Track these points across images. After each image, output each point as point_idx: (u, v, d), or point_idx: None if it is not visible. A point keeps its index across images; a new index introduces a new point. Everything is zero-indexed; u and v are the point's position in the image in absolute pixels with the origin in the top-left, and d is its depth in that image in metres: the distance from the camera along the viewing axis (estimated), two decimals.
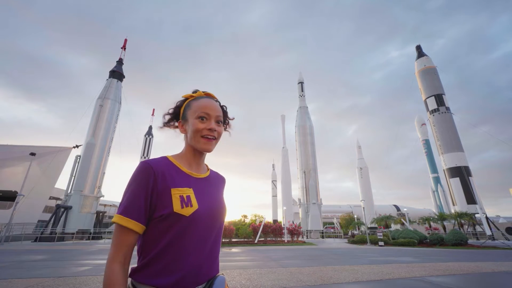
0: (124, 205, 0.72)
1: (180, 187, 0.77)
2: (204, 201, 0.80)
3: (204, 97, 0.89)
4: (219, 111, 0.88)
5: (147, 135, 42.20)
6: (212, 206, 0.82)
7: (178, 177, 0.80)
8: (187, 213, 0.74)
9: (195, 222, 0.75)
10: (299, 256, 9.07)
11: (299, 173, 33.84)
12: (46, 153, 24.26)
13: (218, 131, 0.85)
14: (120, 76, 28.54)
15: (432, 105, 29.11)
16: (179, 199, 0.75)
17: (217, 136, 0.86)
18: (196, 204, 0.77)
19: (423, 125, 54.83)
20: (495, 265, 6.46)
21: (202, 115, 0.84)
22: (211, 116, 0.84)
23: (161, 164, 0.79)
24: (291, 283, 4.27)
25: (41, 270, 5.62)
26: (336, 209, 54.73)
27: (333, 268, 5.95)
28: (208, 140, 0.83)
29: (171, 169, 0.80)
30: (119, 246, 0.70)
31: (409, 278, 4.67)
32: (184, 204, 0.75)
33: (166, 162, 0.82)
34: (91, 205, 23.13)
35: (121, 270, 0.68)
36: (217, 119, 0.86)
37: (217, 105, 0.89)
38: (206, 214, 0.78)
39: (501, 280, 4.73)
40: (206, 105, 0.85)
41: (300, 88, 38.23)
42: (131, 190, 0.74)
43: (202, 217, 0.77)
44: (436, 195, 49.73)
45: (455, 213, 21.72)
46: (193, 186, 0.81)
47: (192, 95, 0.91)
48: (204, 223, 0.77)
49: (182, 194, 0.76)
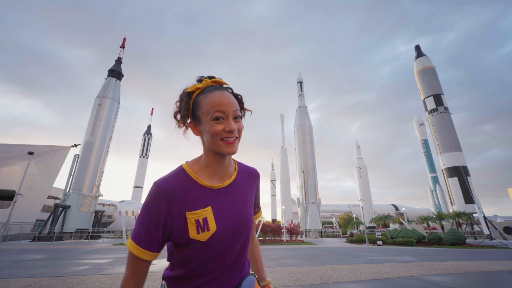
0: (136, 232, 0.68)
1: (196, 209, 0.69)
2: (224, 220, 0.72)
3: (214, 89, 0.73)
4: (235, 104, 0.73)
5: (146, 134, 42.12)
6: (234, 222, 0.73)
7: (194, 196, 0.71)
8: (203, 239, 0.68)
9: (215, 244, 0.69)
10: (298, 256, 9.08)
11: (298, 173, 33.90)
12: (44, 152, 24.15)
13: (238, 129, 0.72)
14: (119, 75, 28.45)
15: (431, 105, 29.22)
16: (195, 224, 0.68)
17: (239, 135, 0.73)
18: (214, 225, 0.69)
19: (421, 125, 55.04)
20: (492, 264, 6.49)
21: (218, 115, 0.69)
22: (228, 114, 0.70)
23: (174, 183, 0.70)
24: (290, 282, 4.27)
25: (39, 270, 5.60)
26: (335, 208, 54.88)
27: (332, 267, 5.96)
28: (229, 143, 0.70)
29: (186, 186, 0.71)
30: (133, 272, 0.69)
31: (408, 277, 4.69)
32: (200, 229, 0.68)
33: (181, 176, 0.72)
34: (89, 204, 23.08)
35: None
36: (234, 114, 0.72)
37: (231, 96, 0.73)
38: (225, 233, 0.71)
39: (499, 279, 4.75)
40: (220, 101, 0.70)
41: (299, 88, 38.27)
42: (142, 217, 0.68)
43: (221, 237, 0.70)
44: (435, 194, 49.95)
45: (453, 212, 21.83)
46: (212, 202, 0.72)
47: (198, 87, 0.74)
48: (224, 241, 0.71)
49: (198, 217, 0.69)
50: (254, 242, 0.96)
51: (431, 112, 29.04)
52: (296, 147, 34.79)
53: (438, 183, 48.54)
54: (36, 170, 23.17)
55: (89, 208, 22.95)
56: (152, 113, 60.02)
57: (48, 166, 24.29)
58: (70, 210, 21.57)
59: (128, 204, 36.59)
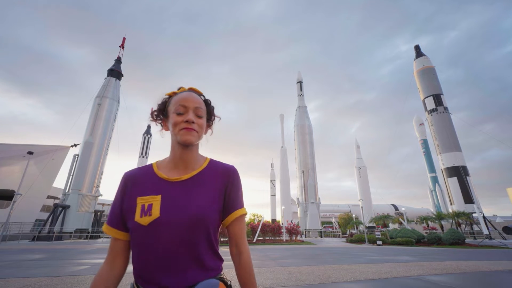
0: (109, 215, 0.81)
1: (146, 195, 0.76)
2: (170, 209, 0.73)
3: (185, 91, 0.84)
4: (199, 103, 0.82)
5: (146, 134, 42.09)
6: (181, 213, 0.73)
7: (148, 184, 0.79)
8: (145, 223, 0.72)
9: (156, 232, 0.71)
10: (298, 255, 9.08)
11: (297, 173, 33.89)
12: (44, 152, 24.14)
13: (197, 123, 0.79)
14: (119, 74, 28.43)
15: (430, 105, 29.23)
16: (140, 208, 0.74)
17: (198, 128, 0.79)
18: (157, 212, 0.72)
19: (421, 125, 55.05)
20: (492, 264, 6.50)
21: (180, 109, 0.79)
22: (189, 108, 0.79)
23: (135, 172, 0.83)
24: (290, 282, 4.27)
25: (38, 270, 5.59)
26: (334, 208, 54.91)
27: (332, 267, 5.96)
28: (187, 130, 0.77)
29: (145, 176, 0.81)
30: (109, 250, 0.80)
31: (407, 277, 4.69)
32: (143, 213, 0.73)
33: (144, 168, 0.84)
34: (89, 204, 23.06)
35: (106, 270, 0.76)
36: (196, 111, 0.80)
37: (196, 97, 0.83)
38: (169, 222, 0.72)
39: (498, 279, 4.76)
40: (183, 97, 0.81)
41: (299, 88, 38.28)
42: (113, 201, 0.81)
43: (165, 225, 0.71)
44: (434, 194, 49.98)
45: (453, 212, 21.84)
46: (163, 192, 0.77)
47: (174, 92, 0.86)
48: (169, 230, 0.71)
49: (145, 202, 0.75)
50: (242, 256, 0.81)
51: (431, 112, 29.06)
52: (296, 147, 34.79)
53: (437, 183, 48.58)
54: (35, 170, 23.16)
55: (88, 208, 22.93)
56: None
57: (48, 166, 24.28)
58: (70, 210, 21.54)
59: None
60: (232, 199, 0.83)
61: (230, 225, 0.83)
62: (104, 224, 0.81)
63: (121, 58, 29.92)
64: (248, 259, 0.83)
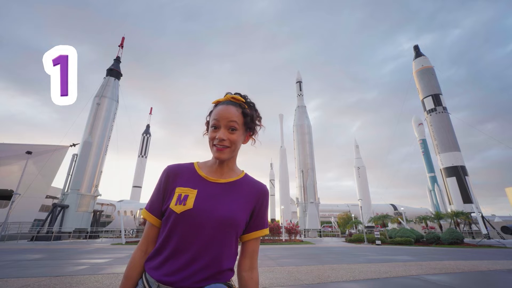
0: (149, 202, 0.85)
1: (185, 187, 0.81)
2: (203, 204, 0.78)
3: (224, 103, 0.85)
4: (232, 116, 0.83)
5: (145, 134, 42.04)
6: (212, 210, 0.77)
7: (188, 178, 0.84)
8: (178, 210, 0.76)
9: (186, 222, 0.75)
10: (297, 255, 9.09)
11: (297, 172, 33.91)
12: (43, 151, 24.07)
13: (230, 139, 0.82)
14: (118, 74, 28.33)
15: (429, 105, 29.32)
16: (177, 197, 0.79)
17: (230, 144, 0.82)
18: (191, 204, 0.77)
19: (420, 125, 55.17)
20: (490, 264, 6.53)
21: (214, 124, 0.83)
22: (221, 124, 0.82)
23: (177, 167, 0.88)
24: (289, 282, 4.28)
25: (37, 269, 5.58)
26: (333, 208, 54.95)
27: (331, 266, 5.97)
28: (218, 150, 0.82)
29: (186, 171, 0.86)
30: (144, 236, 0.83)
31: (406, 277, 4.70)
32: (179, 202, 0.77)
33: (186, 165, 0.89)
34: (88, 204, 23.00)
35: (139, 255, 0.81)
36: (228, 126, 0.82)
37: (231, 109, 0.83)
38: (201, 216, 0.75)
39: (496, 279, 4.78)
40: (218, 112, 0.83)
41: (298, 87, 38.29)
42: (154, 189, 0.86)
43: (195, 217, 0.75)
44: (433, 194, 50.15)
45: (452, 212, 21.93)
46: (200, 188, 0.82)
47: (218, 101, 0.89)
48: (197, 224, 0.75)
49: (182, 192, 0.80)
50: (254, 271, 0.83)
51: (430, 112, 29.15)
52: (295, 147, 34.80)
53: (436, 183, 48.73)
54: (34, 169, 23.07)
55: (87, 208, 22.87)
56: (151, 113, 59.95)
57: (46, 165, 24.21)
58: (69, 209, 21.48)
59: (126, 203, 36.48)
60: (260, 217, 0.87)
61: (250, 241, 0.86)
62: (143, 210, 0.85)
63: (120, 58, 29.83)
64: (258, 275, 0.86)
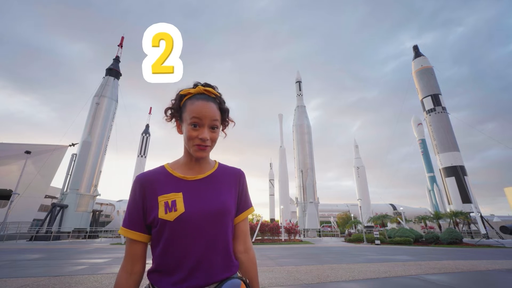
0: (125, 218, 0.80)
1: (167, 193, 0.78)
2: (193, 204, 0.77)
3: (200, 98, 0.80)
4: (214, 115, 0.80)
5: (144, 134, 41.95)
6: (204, 207, 0.77)
7: (167, 184, 0.80)
8: (171, 218, 0.74)
9: (183, 226, 0.74)
10: (296, 255, 9.10)
11: (296, 172, 33.92)
12: (42, 151, 24.01)
13: (211, 139, 0.80)
14: (117, 74, 28.28)
15: (429, 105, 29.35)
16: (164, 205, 0.76)
17: (211, 143, 0.81)
18: (182, 207, 0.75)
19: (419, 125, 55.25)
20: (489, 263, 6.54)
21: (195, 122, 0.78)
22: (204, 123, 0.78)
23: (151, 174, 0.82)
24: (289, 281, 4.28)
25: (36, 269, 5.57)
26: (333, 208, 55.01)
27: (330, 266, 5.97)
28: (200, 149, 0.79)
29: (161, 177, 0.82)
30: (126, 255, 0.78)
31: (405, 276, 4.71)
32: (168, 209, 0.75)
33: (159, 171, 0.84)
34: (87, 203, 22.97)
35: (125, 277, 0.76)
36: (211, 124, 0.80)
37: (212, 107, 0.80)
38: (195, 217, 0.75)
39: (495, 278, 4.79)
40: (199, 109, 0.78)
41: (298, 87, 38.28)
42: (128, 204, 0.81)
43: (190, 219, 0.75)
44: (432, 194, 50.23)
45: (451, 212, 21.97)
46: (183, 189, 0.79)
47: (189, 92, 0.82)
48: (195, 225, 0.75)
49: (167, 199, 0.77)
50: (250, 252, 0.87)
51: (429, 112, 29.19)
52: (295, 147, 34.80)
53: (435, 182, 48.80)
54: (33, 169, 23.03)
55: (86, 208, 22.83)
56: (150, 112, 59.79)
57: (46, 165, 24.15)
58: (68, 209, 21.45)
59: (126, 203, 36.45)
60: (243, 198, 0.90)
61: (240, 223, 0.87)
62: (121, 228, 0.79)
63: (120, 57, 29.77)
64: (254, 254, 0.90)
